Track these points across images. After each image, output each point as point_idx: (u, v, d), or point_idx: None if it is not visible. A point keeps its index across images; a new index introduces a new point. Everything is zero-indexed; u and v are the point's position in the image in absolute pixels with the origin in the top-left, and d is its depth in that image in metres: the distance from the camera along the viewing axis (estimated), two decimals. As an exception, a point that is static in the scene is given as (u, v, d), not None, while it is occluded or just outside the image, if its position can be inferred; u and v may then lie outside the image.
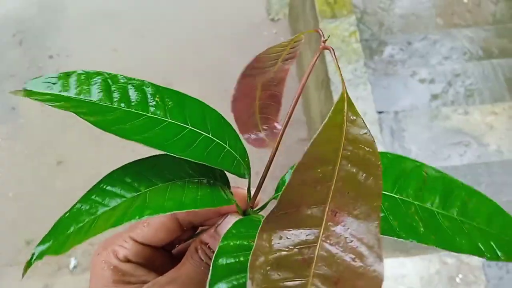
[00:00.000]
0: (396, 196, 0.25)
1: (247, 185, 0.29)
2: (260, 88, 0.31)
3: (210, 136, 0.27)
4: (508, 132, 1.49)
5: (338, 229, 0.19)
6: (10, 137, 1.66)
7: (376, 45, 1.72)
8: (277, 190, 0.29)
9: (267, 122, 0.34)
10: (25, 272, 0.23)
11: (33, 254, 0.23)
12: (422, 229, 0.24)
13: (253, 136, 0.31)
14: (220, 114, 0.28)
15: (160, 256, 0.32)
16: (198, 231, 0.33)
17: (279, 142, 0.28)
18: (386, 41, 1.72)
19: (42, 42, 1.85)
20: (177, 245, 0.34)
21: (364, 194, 0.20)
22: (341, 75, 0.23)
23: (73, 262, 1.38)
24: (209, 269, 0.28)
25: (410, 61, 1.68)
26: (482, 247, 0.24)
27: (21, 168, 1.59)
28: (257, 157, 0.34)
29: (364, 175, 0.20)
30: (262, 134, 0.31)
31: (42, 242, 0.23)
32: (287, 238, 0.18)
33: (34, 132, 1.66)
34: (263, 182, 0.29)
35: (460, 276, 1.21)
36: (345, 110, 0.21)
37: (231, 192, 0.28)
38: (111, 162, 1.71)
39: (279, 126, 0.35)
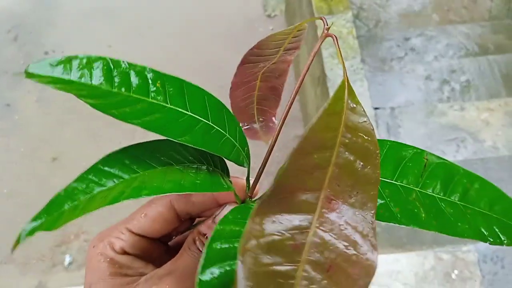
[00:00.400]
0: (397, 183, 0.25)
1: (246, 175, 0.29)
2: (260, 78, 0.30)
3: (210, 122, 0.27)
4: (504, 128, 1.49)
5: (333, 216, 0.19)
6: (5, 134, 1.65)
7: (373, 41, 1.71)
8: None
9: (264, 115, 0.34)
10: (15, 248, 0.23)
11: (23, 230, 0.23)
12: (423, 215, 0.24)
13: (246, 126, 0.30)
14: (221, 102, 0.28)
15: (157, 248, 0.32)
16: (195, 223, 0.33)
17: (277, 136, 0.28)
18: (383, 37, 1.72)
19: (37, 39, 1.84)
20: (174, 237, 0.33)
21: (361, 182, 0.20)
22: (342, 62, 0.23)
23: (68, 259, 1.37)
24: None
25: (406, 58, 1.68)
26: (485, 232, 0.24)
27: (17, 165, 1.58)
28: (253, 154, 0.34)
29: (361, 163, 0.20)
30: (256, 126, 0.31)
31: (34, 218, 0.23)
32: (280, 222, 0.18)
33: (29, 128, 1.65)
34: (262, 172, 0.28)
35: (456, 272, 1.21)
36: (346, 97, 0.21)
37: (230, 181, 0.28)
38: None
39: (275, 120, 0.34)
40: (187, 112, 0.26)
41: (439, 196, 0.25)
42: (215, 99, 0.28)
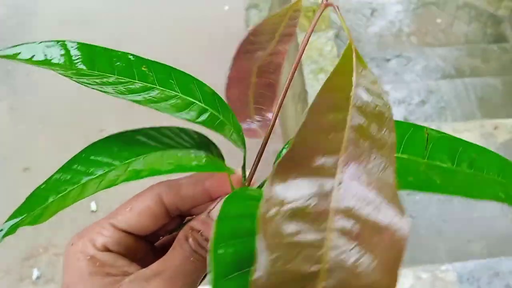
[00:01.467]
0: (404, 156, 0.24)
1: (242, 164, 0.27)
2: (256, 74, 0.29)
3: (203, 105, 0.26)
4: (480, 149, 1.51)
5: (353, 181, 0.17)
6: (-26, 142, 1.59)
7: (353, 60, 1.73)
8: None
9: (261, 113, 0.33)
10: None
11: (1, 231, 0.20)
12: (438, 181, 0.23)
13: (245, 126, 0.29)
14: (213, 90, 0.27)
15: (143, 248, 0.29)
16: (184, 221, 0.30)
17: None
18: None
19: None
20: (161, 237, 0.31)
21: (378, 146, 0.18)
22: (344, 22, 0.22)
23: (36, 273, 1.31)
24: (200, 260, 0.26)
25: (385, 78, 1.70)
26: (502, 195, 0.23)
27: (-15, 175, 1.52)
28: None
29: (376, 127, 0.19)
30: (255, 125, 0.30)
31: (13, 216, 0.21)
32: (300, 188, 0.17)
33: (1, 137, 1.60)
34: (257, 164, 0.27)
35: (434, 291, 1.21)
36: (354, 58, 0.20)
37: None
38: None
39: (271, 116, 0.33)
40: (178, 93, 0.25)
41: (448, 166, 0.24)
42: (207, 86, 0.27)
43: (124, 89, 0.23)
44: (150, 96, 0.24)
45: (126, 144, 0.24)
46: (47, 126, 1.59)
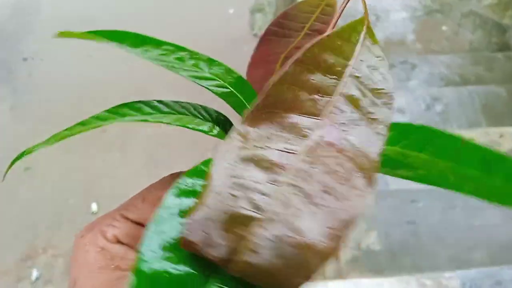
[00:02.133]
0: (423, 156, 0.23)
1: None
2: (280, 63, 0.28)
3: (226, 84, 0.26)
4: (484, 157, 1.50)
5: (327, 146, 0.17)
6: (-26, 141, 1.58)
7: (357, 66, 1.73)
8: None
9: None
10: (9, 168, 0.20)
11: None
12: (452, 178, 0.22)
13: None
14: (247, 81, 0.27)
15: None
16: None
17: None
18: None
19: (15, 45, 1.79)
20: None
21: (368, 119, 0.18)
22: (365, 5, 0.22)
23: (35, 274, 1.30)
24: None
25: (390, 84, 1.69)
26: None
27: (-16, 174, 1.51)
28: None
29: (372, 101, 0.18)
30: None
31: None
32: (268, 138, 0.16)
33: (2, 137, 1.59)
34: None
35: (437, 299, 1.20)
36: (364, 30, 0.20)
37: None
38: (81, 172, 1.61)
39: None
40: (205, 72, 0.26)
41: (476, 173, 0.23)
42: (242, 78, 0.27)
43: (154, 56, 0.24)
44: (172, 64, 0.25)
45: (141, 107, 0.24)
46: (47, 126, 1.58)
